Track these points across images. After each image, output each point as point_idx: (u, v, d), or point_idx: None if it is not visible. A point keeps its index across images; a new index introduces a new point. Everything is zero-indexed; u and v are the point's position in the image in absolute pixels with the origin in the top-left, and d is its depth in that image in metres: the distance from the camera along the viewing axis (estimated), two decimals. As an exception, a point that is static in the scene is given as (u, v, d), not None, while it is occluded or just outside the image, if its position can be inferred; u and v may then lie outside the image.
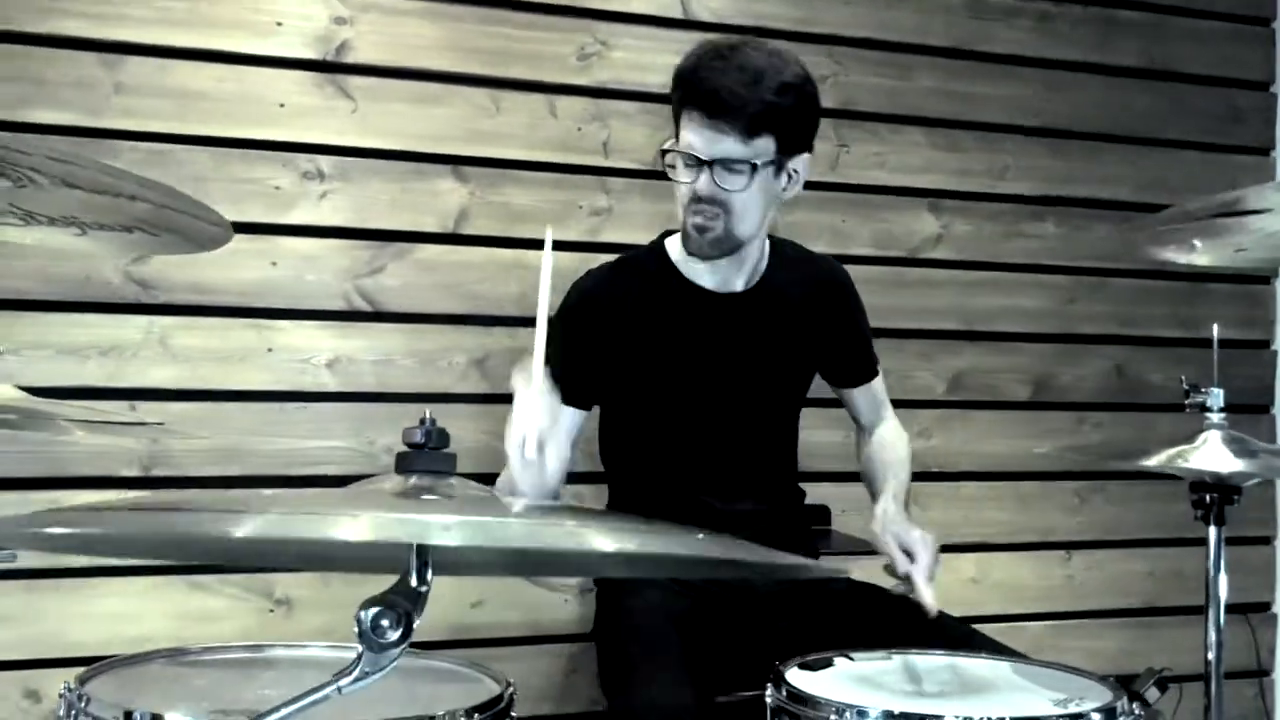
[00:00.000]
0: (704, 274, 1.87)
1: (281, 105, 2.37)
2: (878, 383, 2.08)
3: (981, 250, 2.85)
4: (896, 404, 2.74)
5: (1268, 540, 3.03)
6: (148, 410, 2.29)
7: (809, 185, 2.67)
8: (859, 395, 2.05)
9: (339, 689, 0.83)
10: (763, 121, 1.70)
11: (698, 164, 1.72)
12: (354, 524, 0.80)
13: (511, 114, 2.50)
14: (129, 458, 2.28)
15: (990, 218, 2.84)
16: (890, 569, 1.71)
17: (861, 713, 1.22)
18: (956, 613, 2.77)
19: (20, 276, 2.22)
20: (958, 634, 1.71)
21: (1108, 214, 2.89)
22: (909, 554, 1.67)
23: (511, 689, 1.34)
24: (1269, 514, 3.04)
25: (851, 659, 1.49)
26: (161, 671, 1.29)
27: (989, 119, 2.84)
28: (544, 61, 2.52)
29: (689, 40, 2.60)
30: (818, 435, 2.64)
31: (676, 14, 2.63)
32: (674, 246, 1.91)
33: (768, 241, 1.94)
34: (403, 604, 0.84)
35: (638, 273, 1.88)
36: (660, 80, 2.01)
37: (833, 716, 1.22)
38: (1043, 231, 2.88)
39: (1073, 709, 1.25)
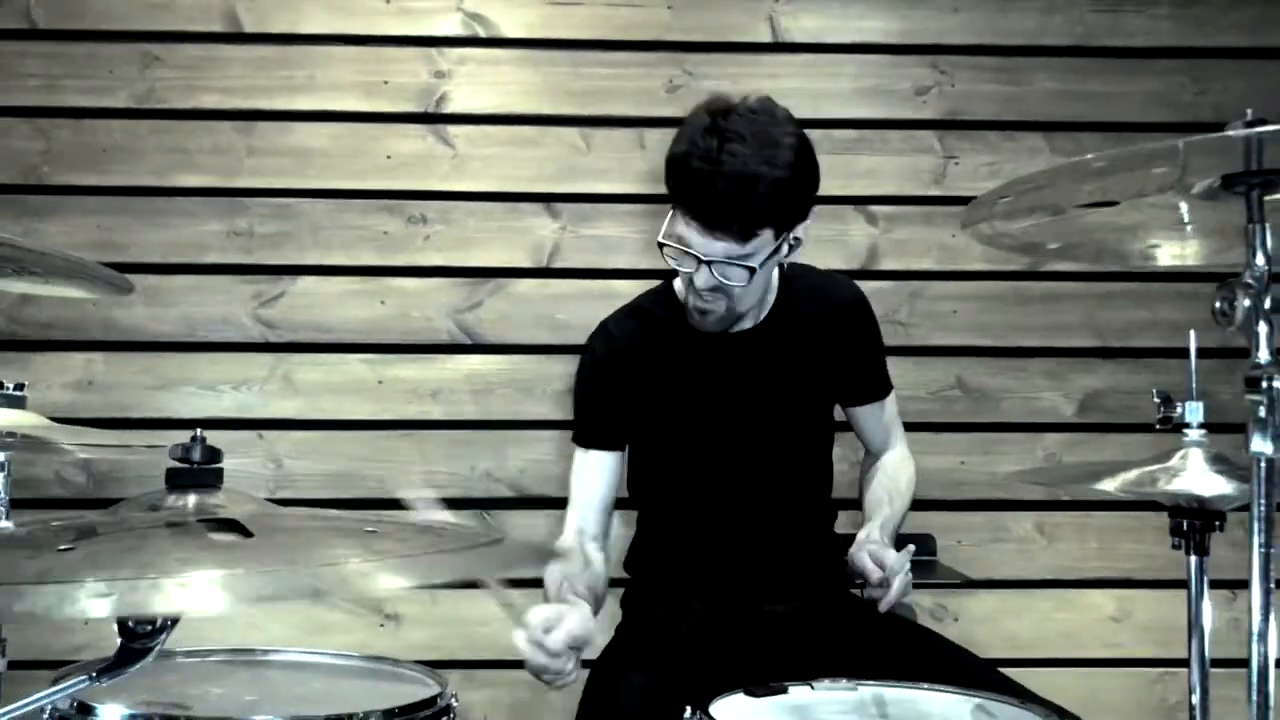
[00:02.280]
0: None
1: (389, 157, 2.57)
2: (889, 404, 1.98)
3: (1114, 259, 2.62)
4: (1018, 428, 2.61)
5: None
6: (273, 438, 2.54)
7: (912, 200, 2.61)
8: (867, 415, 1.95)
9: (96, 678, 0.92)
10: (758, 222, 1.65)
11: (696, 259, 1.68)
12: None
13: (602, 150, 2.59)
14: (258, 481, 2.53)
15: (1123, 224, 2.62)
16: (861, 585, 1.64)
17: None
18: (1095, 654, 2.58)
19: (166, 321, 2.52)
20: (977, 674, 1.60)
21: (1268, 214, 2.60)
22: (880, 566, 1.59)
23: (452, 696, 1.40)
24: None
25: (812, 688, 1.44)
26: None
27: (1121, 118, 2.63)
28: (633, 97, 2.60)
29: (779, 64, 2.63)
30: (923, 462, 2.55)
31: (765, 38, 2.63)
32: (680, 285, 1.92)
33: (775, 274, 1.90)
34: (162, 607, 0.92)
35: (650, 318, 1.88)
36: None
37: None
38: (1189, 237, 2.62)
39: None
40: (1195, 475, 1.28)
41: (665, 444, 1.85)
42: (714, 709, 1.33)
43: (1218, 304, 1.03)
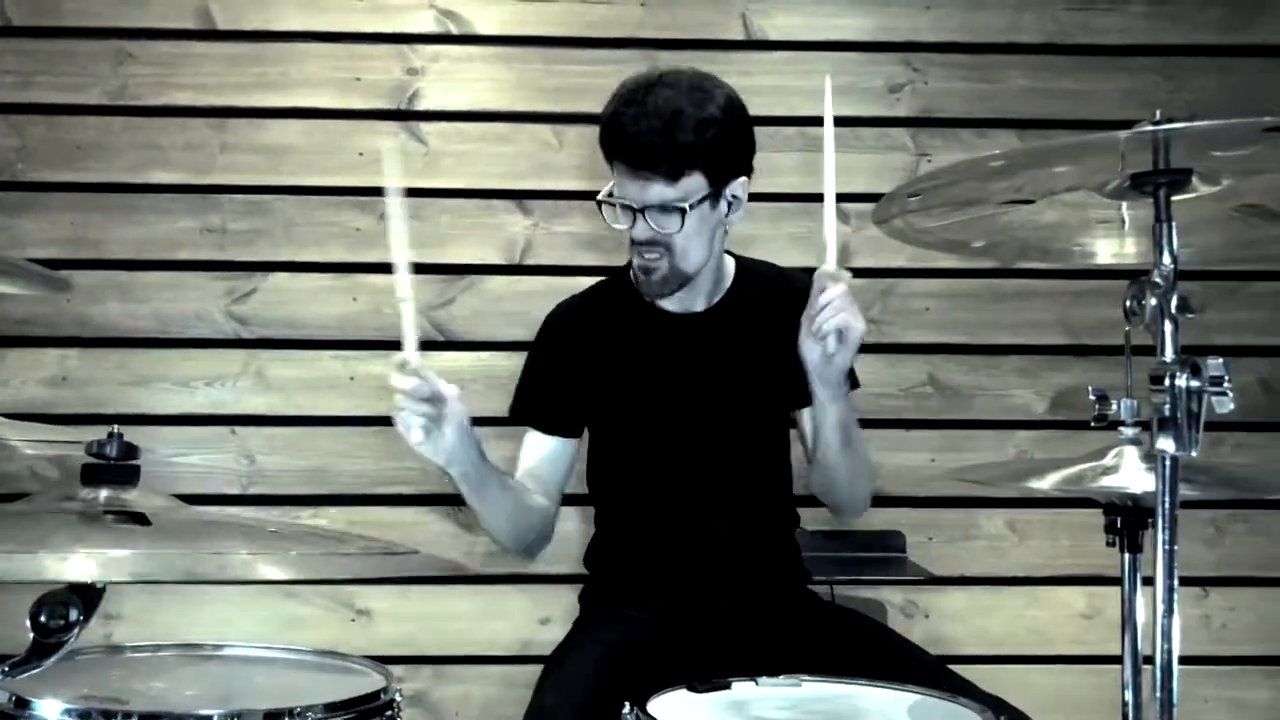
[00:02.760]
0: (665, 300, 1.86)
1: (361, 154, 2.58)
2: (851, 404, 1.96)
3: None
4: (991, 425, 2.61)
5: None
6: (246, 434, 2.55)
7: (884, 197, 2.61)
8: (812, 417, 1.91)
9: (9, 672, 0.93)
10: (686, 161, 1.67)
11: (631, 210, 1.71)
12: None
13: (574, 147, 2.59)
14: (231, 477, 2.54)
15: (1096, 222, 2.62)
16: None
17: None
18: (1067, 650, 2.58)
19: (139, 317, 2.53)
20: (927, 671, 1.60)
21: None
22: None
23: (396, 691, 1.41)
24: None
25: (756, 683, 1.45)
26: (80, 663, 1.46)
27: (1094, 115, 2.63)
28: (605, 94, 2.54)
29: (752, 62, 2.63)
30: (895, 459, 2.56)
31: (738, 35, 2.63)
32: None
33: (733, 262, 1.90)
34: (73, 601, 0.93)
35: (603, 299, 1.91)
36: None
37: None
38: (1162, 234, 2.62)
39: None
40: (1129, 472, 1.28)
41: (616, 430, 1.86)
42: (654, 704, 1.33)
43: (1128, 302, 1.03)
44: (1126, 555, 1.31)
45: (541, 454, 1.83)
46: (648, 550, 1.83)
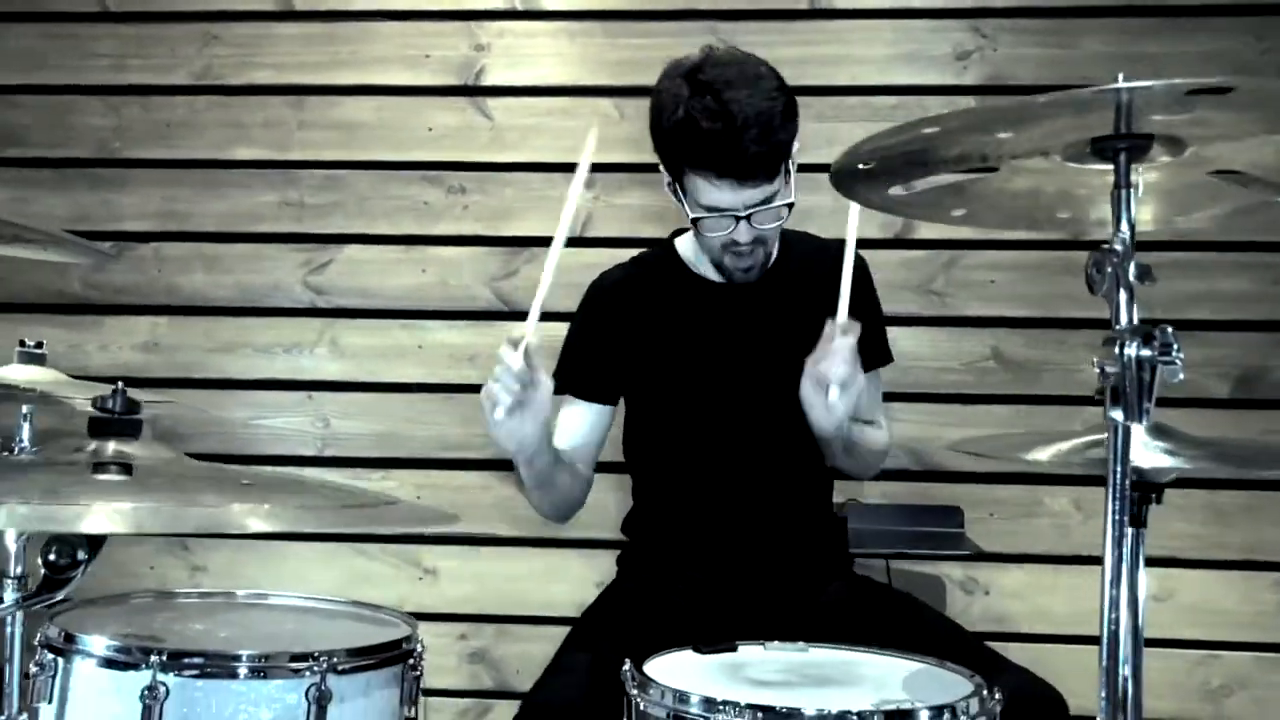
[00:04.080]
0: (712, 269, 1.88)
1: (430, 129, 2.66)
2: (878, 379, 1.95)
3: (1160, 228, 2.53)
4: (1057, 400, 2.55)
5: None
6: (321, 399, 2.67)
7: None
8: None
9: (22, 603, 1.02)
10: (780, 156, 1.70)
11: (733, 217, 1.72)
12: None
13: (635, 120, 2.57)
14: (306, 440, 2.67)
15: (1174, 192, 2.52)
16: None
17: (682, 697, 1.23)
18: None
19: (223, 286, 2.67)
20: (957, 645, 1.59)
21: (1332, 179, 2.46)
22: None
23: (419, 642, 1.48)
24: None
25: (765, 648, 1.47)
26: (135, 606, 1.58)
27: (1178, 80, 2.52)
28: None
29: (815, 31, 2.61)
30: (953, 433, 2.52)
31: (801, 4, 2.61)
32: (683, 244, 1.94)
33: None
34: (79, 542, 1.02)
35: (647, 270, 1.94)
36: (788, 73, 1.94)
37: (658, 695, 1.25)
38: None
39: (884, 708, 1.18)
40: (1134, 446, 1.25)
41: (656, 399, 1.89)
42: (654, 663, 1.37)
43: (1090, 270, 1.02)
44: (1129, 530, 1.28)
45: (580, 421, 1.88)
46: (683, 518, 1.86)
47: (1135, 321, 1.00)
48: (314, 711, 1.34)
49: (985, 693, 1.27)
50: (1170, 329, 1.00)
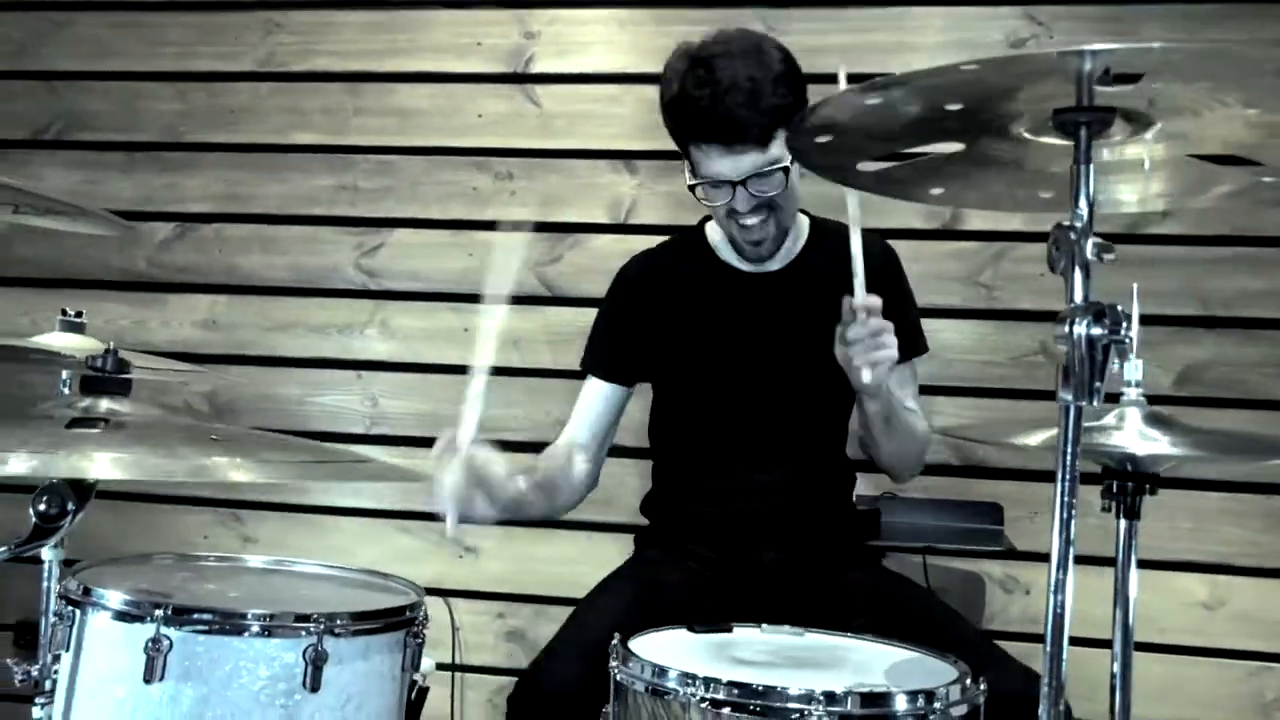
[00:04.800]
0: (739, 256, 1.88)
1: (480, 116, 2.70)
2: (912, 369, 1.92)
3: (1224, 223, 2.46)
4: (1108, 398, 2.47)
5: None
6: (370, 379, 2.74)
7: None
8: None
9: (14, 549, 1.08)
10: (774, 124, 1.69)
11: (730, 184, 1.73)
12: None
13: (681, 107, 2.62)
14: (356, 418, 2.73)
15: (1235, 185, 2.43)
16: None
17: (661, 671, 1.24)
18: (1184, 641, 2.44)
19: (279, 268, 2.76)
20: (958, 637, 1.57)
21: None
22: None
23: (421, 610, 1.51)
24: None
25: (760, 629, 1.47)
26: (156, 566, 1.64)
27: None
28: (715, 54, 2.61)
29: (864, 18, 2.59)
30: (998, 429, 2.47)
31: (851, -7, 2.58)
32: (712, 230, 1.94)
33: (807, 221, 1.90)
34: (68, 493, 1.07)
35: (676, 255, 1.94)
36: (831, 62, 1.93)
37: (637, 669, 1.26)
38: (1313, 198, 2.41)
39: (859, 690, 1.17)
40: (1130, 434, 1.22)
41: (680, 383, 1.90)
42: (643, 639, 1.38)
43: (1050, 248, 0.99)
44: (1123, 522, 1.25)
45: (595, 400, 1.90)
46: (698, 501, 1.87)
47: (1089, 300, 0.97)
48: (310, 671, 1.38)
49: (969, 682, 1.25)
50: (1120, 307, 0.97)
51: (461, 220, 2.70)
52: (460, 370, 2.67)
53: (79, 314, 1.73)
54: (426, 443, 2.64)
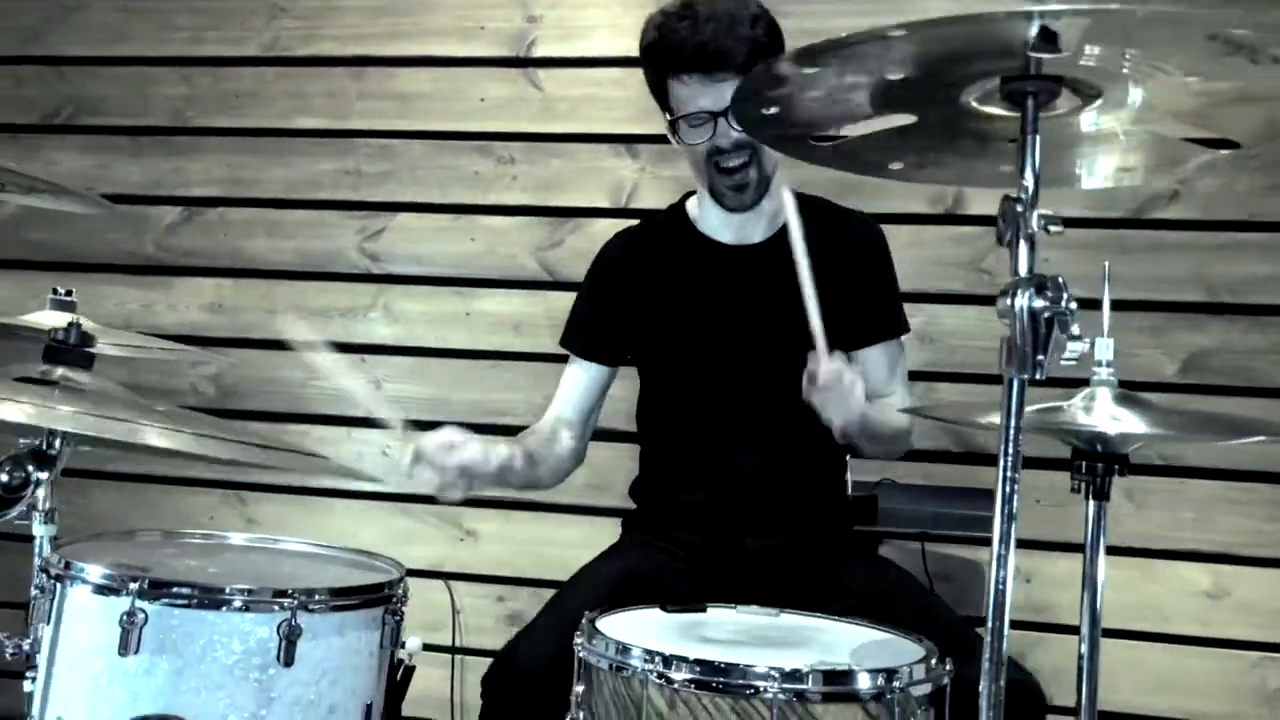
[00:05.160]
0: (720, 229, 1.88)
1: (482, 100, 2.71)
2: (897, 350, 1.90)
3: (1234, 208, 2.42)
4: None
5: None
6: (374, 362, 2.75)
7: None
8: (871, 356, 1.87)
9: None
10: (754, 53, 1.72)
11: (708, 119, 1.74)
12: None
13: (683, 91, 2.61)
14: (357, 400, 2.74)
15: (1244, 168, 2.40)
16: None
17: (624, 649, 1.24)
18: (1186, 630, 2.41)
19: (285, 251, 2.78)
20: (938, 621, 1.56)
21: None
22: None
23: (400, 587, 1.52)
24: None
25: (735, 610, 1.46)
26: (140, 543, 1.66)
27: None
28: (717, 37, 2.59)
29: (874, 2, 2.56)
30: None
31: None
32: (693, 205, 1.94)
33: (792, 196, 1.88)
34: (27, 462, 1.08)
35: (655, 232, 1.94)
36: None
37: (601, 646, 1.26)
38: (1320, 183, 2.37)
39: (820, 667, 1.17)
40: (1100, 414, 1.20)
41: (663, 361, 1.89)
42: (613, 618, 1.38)
43: (1000, 220, 0.98)
44: (1091, 503, 1.23)
45: (576, 381, 1.91)
46: (683, 486, 1.86)
47: (1032, 272, 0.96)
48: (284, 645, 1.39)
49: (933, 661, 1.24)
50: (1060, 278, 0.96)
51: (463, 205, 2.71)
52: (461, 355, 2.72)
53: (69, 293, 1.75)
54: (427, 426, 2.70)
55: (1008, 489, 0.96)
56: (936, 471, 2.49)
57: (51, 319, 1.75)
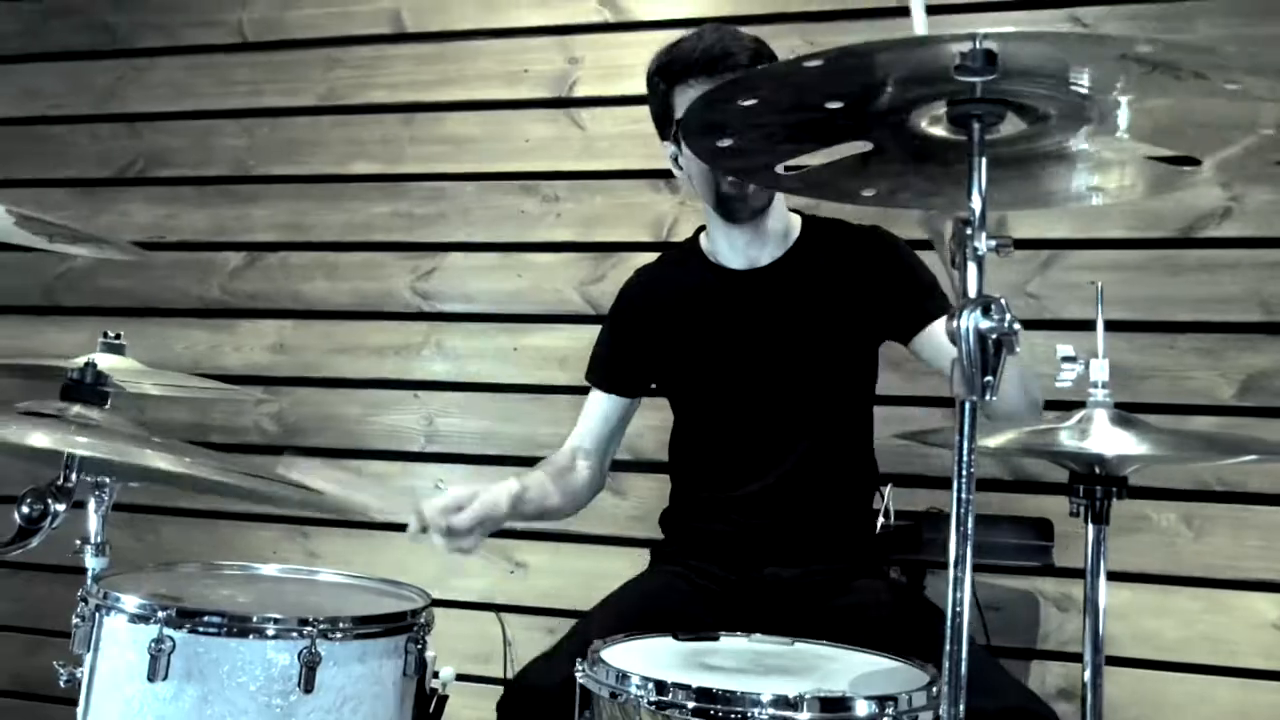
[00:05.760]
0: (731, 256, 1.89)
1: (526, 140, 2.77)
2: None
3: (1289, 224, 2.35)
4: (1163, 409, 2.40)
5: None
6: (426, 398, 2.82)
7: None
8: (934, 335, 1.78)
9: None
10: (754, 62, 1.77)
11: None
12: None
13: (722, 125, 2.64)
14: (413, 436, 2.82)
15: (1299, 183, 2.33)
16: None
17: (623, 676, 1.25)
18: (1254, 664, 2.32)
19: (342, 294, 2.87)
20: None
21: None
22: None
23: (423, 615, 1.56)
24: None
25: (747, 639, 1.46)
26: (179, 574, 1.73)
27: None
28: (754, 71, 2.62)
29: (900, 28, 2.56)
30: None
31: (889, 2, 2.57)
32: (704, 238, 1.96)
33: (799, 219, 1.90)
34: (49, 493, 1.14)
35: (670, 266, 1.97)
36: None
37: (602, 674, 1.27)
38: (1383, 196, 2.29)
39: (819, 694, 1.16)
40: (1098, 436, 1.18)
41: (685, 390, 1.92)
42: (622, 646, 1.39)
43: (951, 243, 0.98)
44: (1091, 527, 1.20)
45: (597, 411, 1.96)
46: (704, 511, 1.87)
47: (981, 293, 0.95)
48: (304, 672, 1.43)
49: (935, 691, 1.22)
50: (1003, 299, 0.95)
51: (510, 243, 2.77)
52: (509, 389, 2.77)
53: (117, 336, 1.84)
54: (479, 460, 2.77)
55: (962, 510, 0.95)
56: (985, 500, 2.45)
57: (102, 361, 1.84)
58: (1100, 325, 1.31)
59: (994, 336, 0.95)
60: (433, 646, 1.77)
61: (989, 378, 0.94)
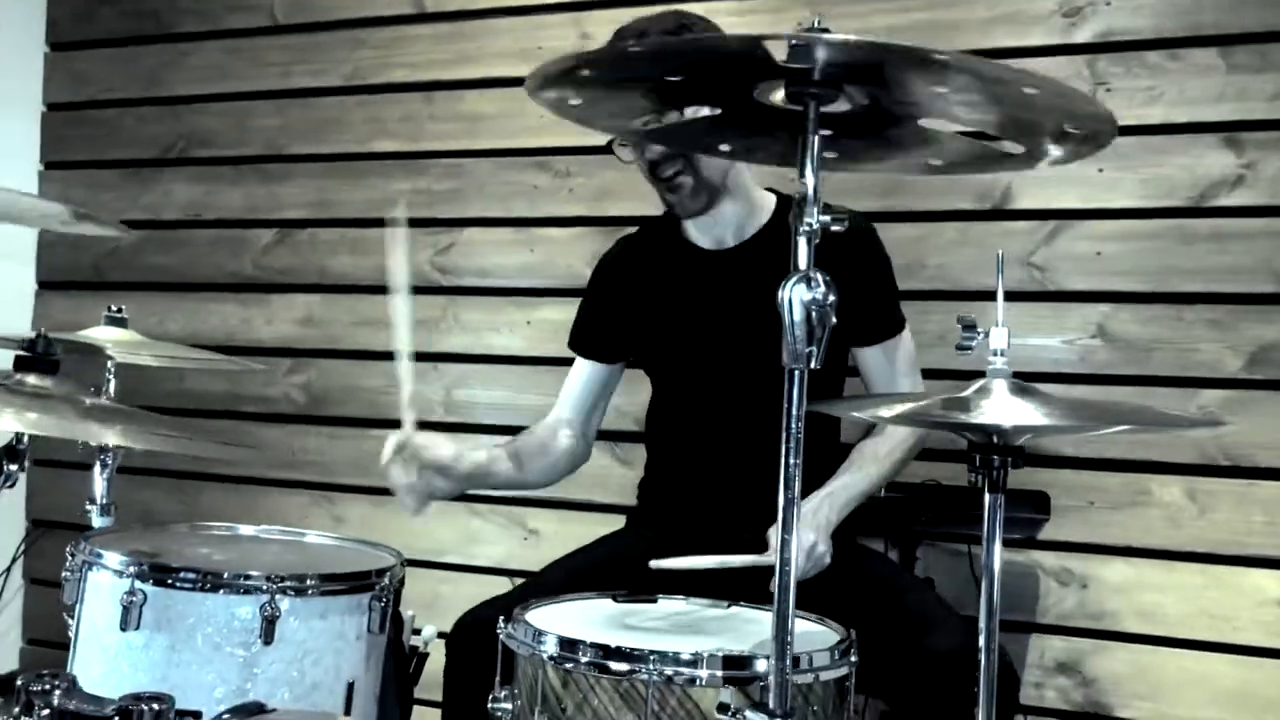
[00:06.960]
0: (699, 235, 1.92)
1: (541, 116, 2.80)
2: (895, 348, 1.86)
3: (1304, 192, 2.28)
4: (1169, 382, 2.36)
5: None
6: (445, 369, 2.90)
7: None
8: (869, 357, 1.86)
9: None
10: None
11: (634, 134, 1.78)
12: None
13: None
14: (432, 407, 2.91)
15: (1313, 149, 2.26)
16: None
17: (539, 634, 1.31)
18: (1257, 641, 2.28)
19: (365, 268, 2.96)
20: (925, 620, 1.56)
21: None
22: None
23: (390, 576, 1.64)
24: None
25: (685, 601, 1.51)
26: (167, 533, 1.84)
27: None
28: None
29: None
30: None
31: None
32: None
33: (773, 198, 1.91)
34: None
35: (648, 238, 2.00)
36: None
37: (520, 632, 1.33)
38: (1401, 161, 2.21)
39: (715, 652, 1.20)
40: (997, 405, 1.19)
41: (654, 364, 1.96)
42: (553, 606, 1.45)
43: (791, 218, 1.00)
44: (988, 496, 1.21)
45: (579, 378, 2.02)
46: (672, 481, 1.91)
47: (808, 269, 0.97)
48: (265, 625, 1.52)
49: (839, 653, 1.25)
50: (823, 276, 0.97)
51: (524, 218, 2.83)
52: (523, 361, 2.83)
53: (119, 310, 1.95)
54: (494, 430, 2.84)
55: (790, 474, 0.98)
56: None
57: (105, 334, 1.95)
58: (1000, 294, 1.31)
59: (815, 309, 0.97)
60: (413, 605, 1.86)
61: (810, 348, 0.96)
